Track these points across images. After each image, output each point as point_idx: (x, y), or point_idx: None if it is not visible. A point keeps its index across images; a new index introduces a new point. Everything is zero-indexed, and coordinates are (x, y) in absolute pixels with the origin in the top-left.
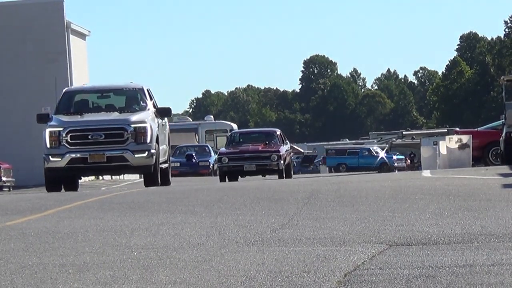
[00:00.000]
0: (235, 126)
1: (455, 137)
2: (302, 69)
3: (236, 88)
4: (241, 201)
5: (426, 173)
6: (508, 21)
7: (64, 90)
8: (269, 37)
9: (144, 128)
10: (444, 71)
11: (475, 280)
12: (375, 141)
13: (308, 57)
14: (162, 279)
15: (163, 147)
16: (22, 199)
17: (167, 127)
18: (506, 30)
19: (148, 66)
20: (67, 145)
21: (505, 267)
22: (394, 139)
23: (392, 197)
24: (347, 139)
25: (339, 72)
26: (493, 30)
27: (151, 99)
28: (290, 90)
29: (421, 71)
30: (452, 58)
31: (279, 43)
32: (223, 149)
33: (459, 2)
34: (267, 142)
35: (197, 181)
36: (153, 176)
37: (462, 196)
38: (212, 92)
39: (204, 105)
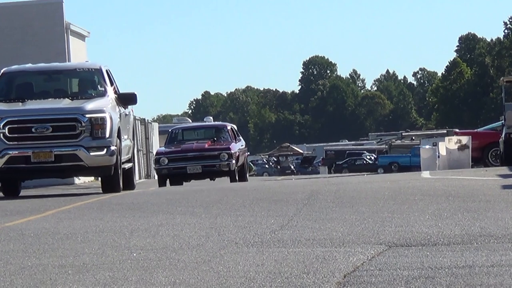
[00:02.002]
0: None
1: (455, 138)
2: (302, 70)
3: (235, 89)
4: (240, 202)
5: (425, 174)
6: (508, 22)
7: (2, 71)
8: (269, 38)
9: (102, 119)
10: (443, 72)
11: (475, 281)
12: (375, 142)
13: (308, 58)
14: (161, 280)
15: (126, 142)
16: (21, 199)
17: (132, 117)
18: (506, 31)
19: (148, 67)
20: (5, 140)
21: (505, 268)
22: (394, 140)
23: (392, 198)
24: (346, 140)
25: (338, 73)
26: (492, 31)
27: (111, 83)
28: (289, 91)
29: (420, 72)
30: (452, 59)
31: (278, 44)
32: (161, 149)
33: (458, 3)
34: (215, 139)
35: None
36: (113, 179)
37: (461, 197)
38: (212, 93)
39: (204, 106)
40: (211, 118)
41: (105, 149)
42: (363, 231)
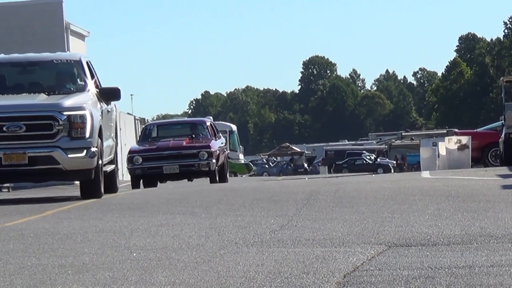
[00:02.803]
0: (234, 127)
1: (455, 138)
2: (302, 70)
3: (235, 89)
4: (240, 202)
5: (425, 174)
6: (507, 22)
7: None
8: (269, 38)
9: (82, 117)
10: (443, 72)
11: (474, 281)
12: (374, 142)
13: (308, 58)
14: (161, 280)
15: (109, 142)
16: (21, 199)
17: (114, 114)
18: (506, 31)
19: (148, 67)
20: None
21: (504, 268)
22: (394, 140)
23: (392, 198)
24: (346, 140)
25: (338, 73)
26: (492, 31)
27: (92, 76)
28: (289, 91)
29: (420, 72)
30: (452, 59)
31: (278, 44)
32: (135, 146)
33: (458, 2)
34: (193, 136)
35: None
36: (94, 183)
37: (461, 197)
38: (211, 93)
39: (203, 106)
40: (211, 117)
41: (85, 151)
42: (363, 231)
